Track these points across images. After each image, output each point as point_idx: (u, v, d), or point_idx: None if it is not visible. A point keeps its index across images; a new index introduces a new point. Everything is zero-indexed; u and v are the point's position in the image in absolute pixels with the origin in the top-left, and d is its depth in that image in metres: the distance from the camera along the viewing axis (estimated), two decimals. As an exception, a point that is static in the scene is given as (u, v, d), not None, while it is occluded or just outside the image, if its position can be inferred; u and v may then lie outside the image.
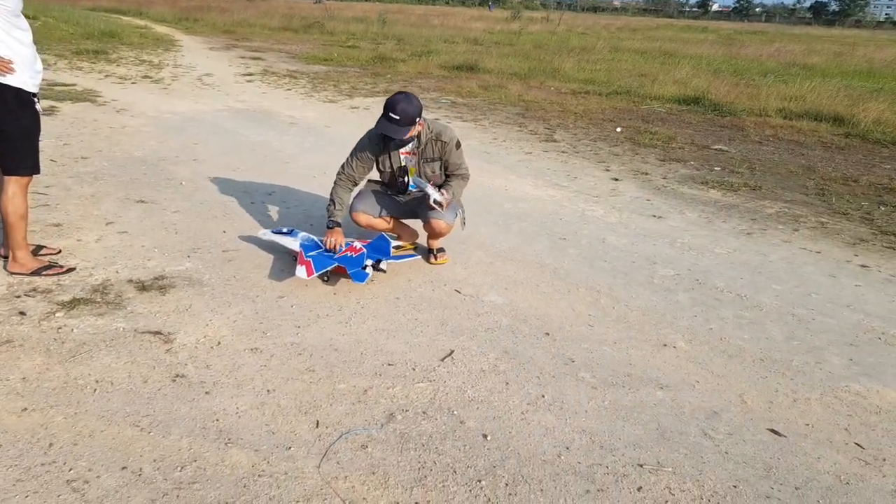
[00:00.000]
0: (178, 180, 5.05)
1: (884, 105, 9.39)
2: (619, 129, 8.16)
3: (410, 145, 3.45)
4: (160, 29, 22.07)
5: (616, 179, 5.85)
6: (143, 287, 3.20)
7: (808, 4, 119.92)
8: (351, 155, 3.51)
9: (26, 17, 3.32)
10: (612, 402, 2.37)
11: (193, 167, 5.43)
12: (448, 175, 3.58)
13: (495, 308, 3.16)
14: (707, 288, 3.54)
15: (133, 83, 10.03)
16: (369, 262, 3.35)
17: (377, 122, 3.29)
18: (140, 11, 31.11)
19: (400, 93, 3.26)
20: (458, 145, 3.49)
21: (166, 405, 2.23)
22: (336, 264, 3.29)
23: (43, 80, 3.38)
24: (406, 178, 3.52)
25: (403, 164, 3.49)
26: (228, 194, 4.77)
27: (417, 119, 3.28)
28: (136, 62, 12.70)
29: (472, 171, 3.75)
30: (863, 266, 4.00)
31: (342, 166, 3.54)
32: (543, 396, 2.39)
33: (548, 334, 2.91)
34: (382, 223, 3.76)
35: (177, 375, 2.42)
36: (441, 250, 3.76)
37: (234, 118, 7.76)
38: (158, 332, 2.74)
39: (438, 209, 3.38)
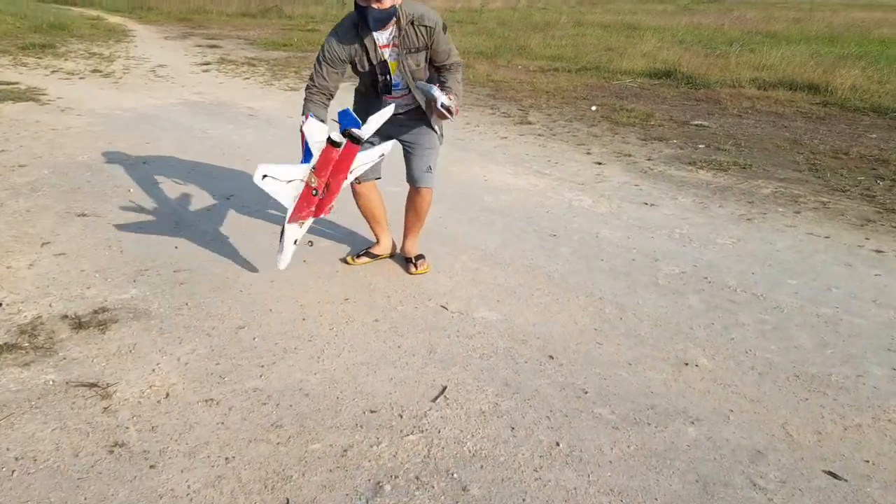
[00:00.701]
0: (126, 187, 4.55)
1: (857, 71, 9.20)
2: (594, 108, 7.81)
3: (387, 35, 2.83)
4: (113, 19, 21.00)
5: (599, 163, 5.50)
6: (79, 324, 2.76)
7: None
8: (318, 62, 2.88)
9: None
10: (639, 447, 2.02)
11: (144, 171, 4.93)
12: (438, 68, 3.00)
13: (488, 326, 2.79)
14: (718, 287, 3.21)
15: (81, 78, 9.35)
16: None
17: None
18: (92, 2, 29.79)
19: None
20: (445, 28, 2.92)
21: (101, 487, 1.82)
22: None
23: None
24: (388, 77, 2.92)
25: (384, 58, 2.89)
26: (182, 201, 4.30)
27: None
28: (86, 55, 11.93)
29: (446, 160, 3.37)
30: (877, 251, 3.71)
31: (310, 78, 2.92)
32: (558, 444, 2.03)
33: (552, 357, 2.55)
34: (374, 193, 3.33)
35: (115, 444, 2.00)
36: (421, 257, 3.38)
37: (190, 112, 7.21)
38: (95, 385, 2.31)
39: (448, 116, 2.78)
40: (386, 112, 2.84)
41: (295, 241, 3.02)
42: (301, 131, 2.81)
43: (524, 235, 3.86)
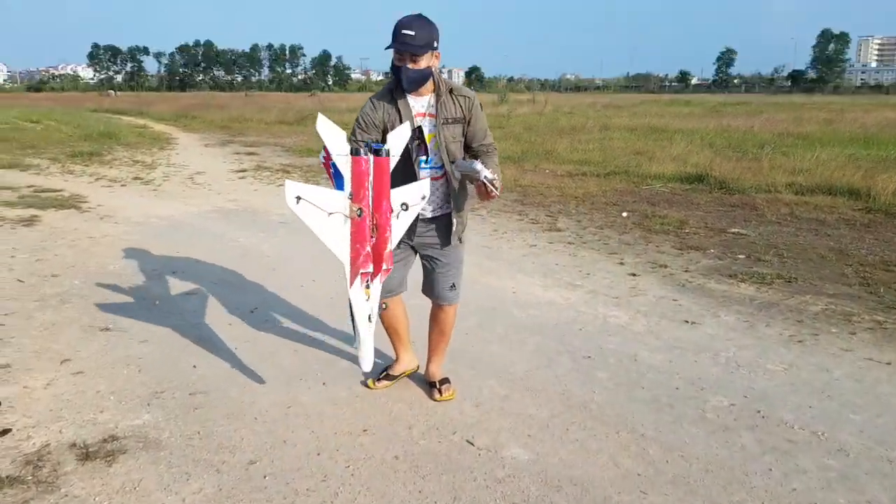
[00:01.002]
0: (153, 299, 4.52)
1: (899, 175, 9.04)
2: (625, 214, 7.72)
3: (424, 102, 2.74)
4: (159, 127, 22.24)
5: (634, 275, 5.33)
6: (86, 455, 2.61)
7: (785, 73, 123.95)
8: (353, 129, 2.79)
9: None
10: None
11: (171, 282, 4.91)
12: (474, 152, 2.86)
13: (518, 468, 2.54)
14: (773, 423, 2.93)
15: (123, 186, 9.70)
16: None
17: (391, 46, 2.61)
18: (141, 111, 31.73)
19: (412, 14, 2.63)
20: (481, 106, 2.85)
21: None
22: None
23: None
24: (423, 143, 2.76)
25: (418, 125, 2.75)
26: (205, 314, 4.23)
27: (435, 42, 2.63)
28: (130, 163, 12.47)
29: (471, 268, 3.24)
30: (946, 381, 3.41)
31: (350, 140, 2.77)
32: None
33: (591, 509, 2.29)
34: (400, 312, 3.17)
35: None
36: (446, 382, 3.17)
37: (223, 220, 7.32)
38: (90, 534, 2.12)
39: (493, 192, 2.56)
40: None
41: (369, 318, 2.63)
42: (324, 154, 2.60)
43: (557, 357, 3.65)
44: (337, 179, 2.55)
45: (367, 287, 2.60)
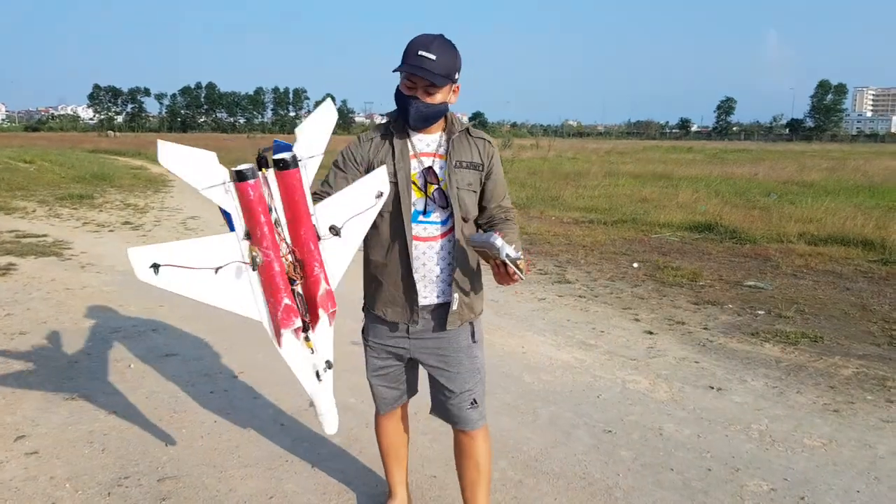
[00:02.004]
0: (127, 361, 4.15)
1: (913, 226, 8.79)
2: (635, 265, 7.40)
3: (430, 141, 2.10)
4: (155, 169, 22.01)
5: (650, 333, 4.97)
6: (27, 561, 2.21)
7: (784, 122, 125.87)
8: (333, 169, 2.12)
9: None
10: None
11: (150, 340, 4.55)
12: (490, 216, 2.20)
13: (539, 582, 2.16)
14: (826, 518, 2.55)
15: (111, 231, 9.38)
16: None
17: (399, 69, 1.98)
18: (139, 152, 31.64)
19: (432, 34, 2.01)
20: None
21: None
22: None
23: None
24: (430, 183, 2.07)
25: (428, 164, 2.08)
26: (183, 380, 3.85)
27: (457, 73, 2.02)
28: (121, 206, 12.20)
29: None
30: None
31: (321, 184, 2.09)
32: None
33: None
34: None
35: None
36: None
37: (212, 269, 6.97)
38: None
39: (518, 276, 1.95)
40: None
41: (317, 375, 1.89)
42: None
43: (574, 432, 3.28)
44: (228, 220, 1.78)
45: (307, 339, 1.87)
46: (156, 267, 1.66)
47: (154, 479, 2.76)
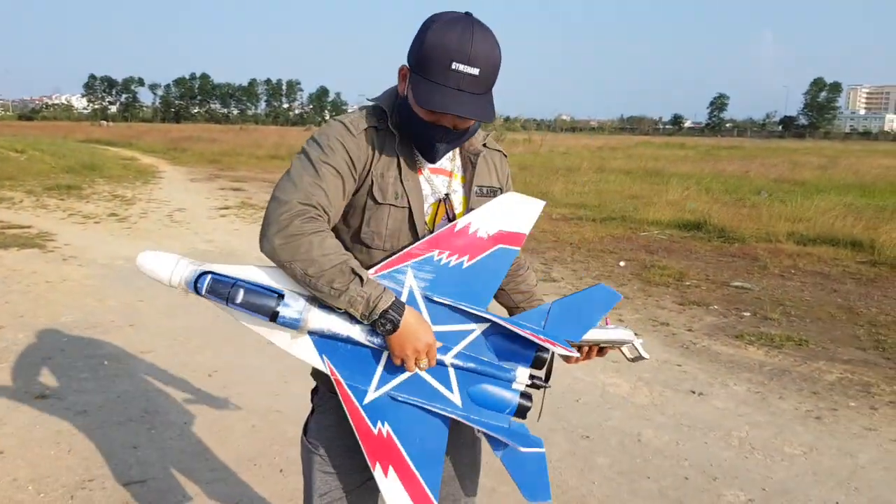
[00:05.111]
0: (102, 358, 4.07)
1: (902, 227, 8.77)
2: (622, 264, 7.36)
3: (448, 157, 1.54)
4: (146, 160, 21.87)
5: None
6: (-19, 570, 2.15)
7: (777, 119, 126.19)
8: (311, 166, 1.39)
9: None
10: None
11: (126, 336, 4.47)
12: None
13: None
14: (802, 531, 2.52)
15: (97, 223, 9.27)
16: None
17: (416, 88, 1.34)
18: (130, 143, 31.40)
19: (459, 18, 1.34)
20: None
21: None
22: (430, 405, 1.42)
23: None
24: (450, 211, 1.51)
25: (446, 192, 1.52)
26: (157, 379, 3.78)
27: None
28: (109, 197, 12.07)
29: None
30: None
31: (304, 199, 1.36)
32: None
33: None
34: None
35: None
36: None
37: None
38: None
39: (571, 356, 1.57)
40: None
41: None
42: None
43: (551, 437, 3.23)
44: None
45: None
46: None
47: (119, 484, 2.70)
